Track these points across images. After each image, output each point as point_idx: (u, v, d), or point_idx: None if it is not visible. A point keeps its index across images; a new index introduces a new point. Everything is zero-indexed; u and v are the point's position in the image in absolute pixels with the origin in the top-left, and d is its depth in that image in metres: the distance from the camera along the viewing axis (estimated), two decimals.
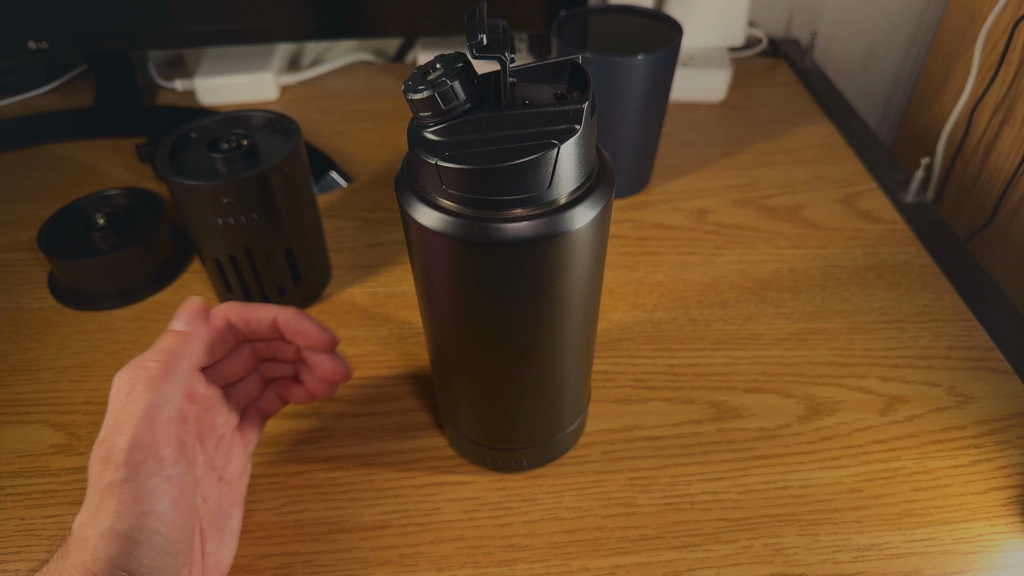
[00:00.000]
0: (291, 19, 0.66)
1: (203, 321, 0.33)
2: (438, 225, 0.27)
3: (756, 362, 0.46)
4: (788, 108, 0.71)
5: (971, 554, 0.36)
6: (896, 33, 0.83)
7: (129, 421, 0.29)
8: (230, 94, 0.72)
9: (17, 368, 0.47)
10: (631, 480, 0.40)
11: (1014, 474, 0.39)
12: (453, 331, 0.32)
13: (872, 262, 0.53)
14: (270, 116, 0.46)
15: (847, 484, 0.39)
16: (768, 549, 0.36)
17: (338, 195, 0.61)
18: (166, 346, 0.32)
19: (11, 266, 0.54)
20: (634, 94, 0.53)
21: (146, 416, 0.29)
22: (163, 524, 0.28)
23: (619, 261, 0.54)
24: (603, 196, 0.28)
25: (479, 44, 0.25)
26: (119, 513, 0.28)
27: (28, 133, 0.69)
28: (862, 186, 0.61)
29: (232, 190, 0.42)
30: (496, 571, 0.36)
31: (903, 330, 0.48)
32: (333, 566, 0.36)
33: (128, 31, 0.65)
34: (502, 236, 0.26)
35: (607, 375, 0.45)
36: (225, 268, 0.47)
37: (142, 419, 0.29)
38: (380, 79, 0.78)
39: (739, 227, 0.57)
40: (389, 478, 0.40)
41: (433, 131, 0.26)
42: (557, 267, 0.28)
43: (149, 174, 0.63)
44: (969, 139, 0.71)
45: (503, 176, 0.26)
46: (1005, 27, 0.65)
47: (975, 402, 0.43)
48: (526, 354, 0.32)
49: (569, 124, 0.26)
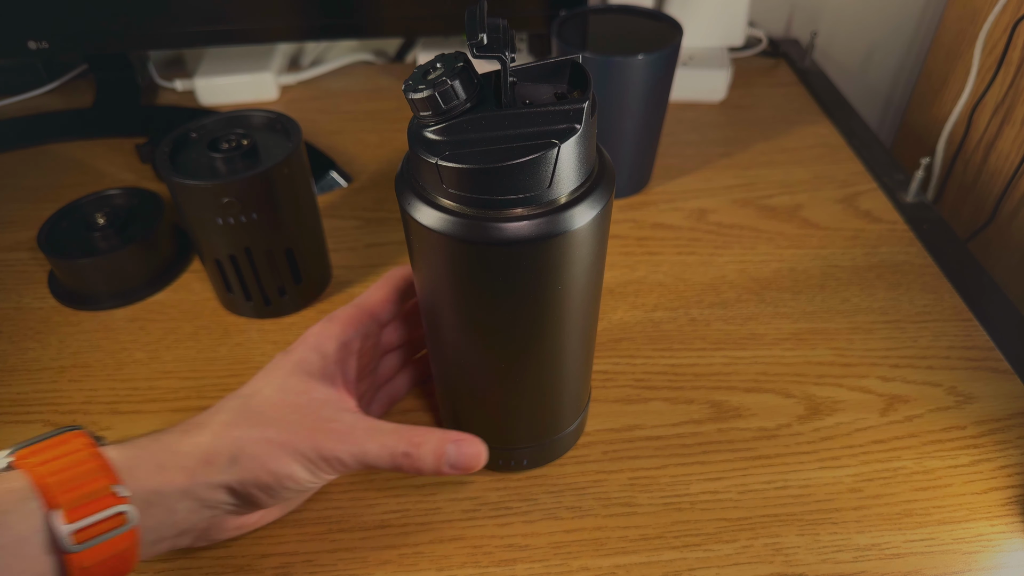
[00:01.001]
0: (291, 19, 0.66)
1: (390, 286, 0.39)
2: (439, 225, 0.27)
3: (756, 362, 0.46)
4: (788, 108, 0.71)
5: (971, 554, 0.36)
6: (896, 33, 0.83)
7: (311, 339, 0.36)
8: (230, 94, 0.72)
9: (17, 368, 0.47)
10: (631, 480, 0.40)
11: (1014, 474, 0.39)
12: (454, 330, 0.32)
13: (872, 262, 0.53)
14: (270, 116, 0.46)
15: (847, 484, 0.39)
16: (768, 549, 0.36)
17: (338, 195, 0.61)
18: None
19: (11, 266, 0.55)
20: (634, 94, 0.53)
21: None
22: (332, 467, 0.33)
23: (619, 261, 0.54)
24: (603, 195, 0.28)
25: (480, 43, 0.25)
26: (294, 432, 0.32)
27: (28, 133, 0.69)
28: (862, 186, 0.61)
29: (232, 190, 0.42)
30: (496, 571, 0.36)
31: (903, 330, 0.48)
32: (333, 566, 0.36)
33: (128, 31, 0.65)
34: (503, 235, 0.26)
35: (607, 375, 0.45)
36: (225, 268, 0.47)
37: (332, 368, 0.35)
38: (380, 79, 0.78)
39: (739, 227, 0.57)
40: (389, 478, 0.40)
41: (433, 131, 0.26)
42: (558, 266, 0.28)
43: (149, 174, 0.63)
44: (969, 139, 0.71)
45: (504, 175, 0.26)
46: (1005, 27, 0.65)
47: (975, 402, 0.43)
48: (527, 353, 0.32)
49: (569, 123, 0.26)
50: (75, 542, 0.27)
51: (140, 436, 0.32)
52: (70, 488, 0.28)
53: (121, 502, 0.29)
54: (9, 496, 0.27)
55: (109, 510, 0.28)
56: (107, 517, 0.28)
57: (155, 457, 0.31)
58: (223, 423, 0.32)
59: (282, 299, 0.49)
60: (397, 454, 0.33)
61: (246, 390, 0.34)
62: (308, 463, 0.32)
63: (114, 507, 0.28)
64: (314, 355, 0.35)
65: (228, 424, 0.32)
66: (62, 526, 0.27)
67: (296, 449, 0.32)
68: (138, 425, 0.43)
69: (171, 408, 0.44)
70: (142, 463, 0.31)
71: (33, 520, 0.27)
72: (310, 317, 0.50)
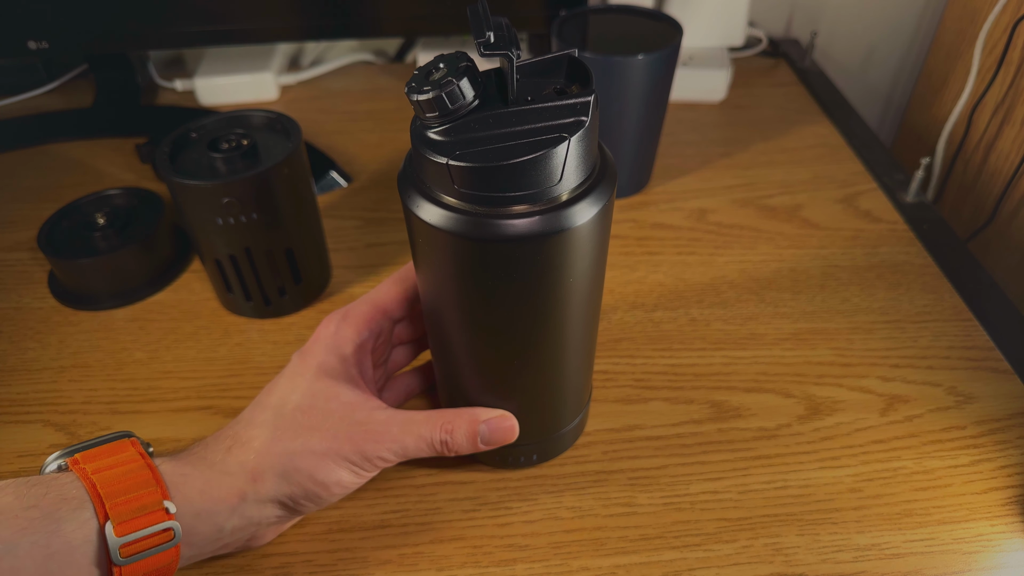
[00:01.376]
0: (291, 19, 0.66)
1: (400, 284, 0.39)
2: (444, 223, 0.27)
3: (756, 362, 0.46)
4: (788, 108, 0.71)
5: (971, 554, 0.36)
6: (896, 33, 0.83)
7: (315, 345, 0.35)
8: (230, 94, 0.72)
9: (17, 368, 0.47)
10: (631, 480, 0.40)
11: (1014, 474, 0.39)
12: (458, 327, 0.32)
13: (872, 262, 0.53)
14: (270, 116, 0.46)
15: (847, 484, 0.39)
16: (768, 549, 0.36)
17: (338, 195, 0.61)
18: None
19: (11, 266, 0.54)
20: (634, 94, 0.53)
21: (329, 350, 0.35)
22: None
23: (619, 261, 0.54)
24: (606, 191, 0.28)
25: (487, 42, 0.25)
26: (339, 447, 0.33)
27: (28, 133, 0.69)
28: (862, 186, 0.61)
29: (232, 190, 0.42)
30: (496, 571, 0.36)
31: (903, 330, 0.48)
32: (333, 566, 0.36)
33: (128, 31, 0.65)
34: (511, 232, 0.27)
35: (607, 375, 0.45)
36: (225, 268, 0.47)
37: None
38: (380, 79, 0.78)
39: (739, 227, 0.57)
40: (389, 478, 0.40)
41: (438, 131, 0.26)
42: (565, 261, 0.29)
43: (149, 174, 0.63)
44: (969, 139, 0.71)
45: (516, 172, 0.26)
46: (1005, 27, 0.65)
47: (975, 402, 0.43)
48: (534, 348, 0.32)
49: (576, 117, 0.26)
50: (123, 555, 0.28)
51: (185, 451, 0.33)
52: (123, 501, 0.28)
53: (169, 518, 0.29)
54: (65, 504, 0.28)
55: (158, 525, 0.29)
56: (155, 532, 0.29)
57: (203, 475, 0.31)
58: (265, 439, 0.32)
59: (282, 299, 0.49)
60: (435, 443, 0.34)
61: (273, 399, 0.34)
62: (353, 467, 0.33)
63: (163, 523, 0.29)
64: (333, 358, 0.35)
65: (270, 440, 0.32)
66: (113, 538, 0.28)
67: (341, 455, 0.32)
68: (138, 425, 0.43)
69: (171, 408, 0.44)
70: (191, 480, 0.31)
71: (86, 530, 0.28)
72: (310, 317, 0.50)
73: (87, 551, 0.27)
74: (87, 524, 0.28)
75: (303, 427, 0.33)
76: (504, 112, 0.27)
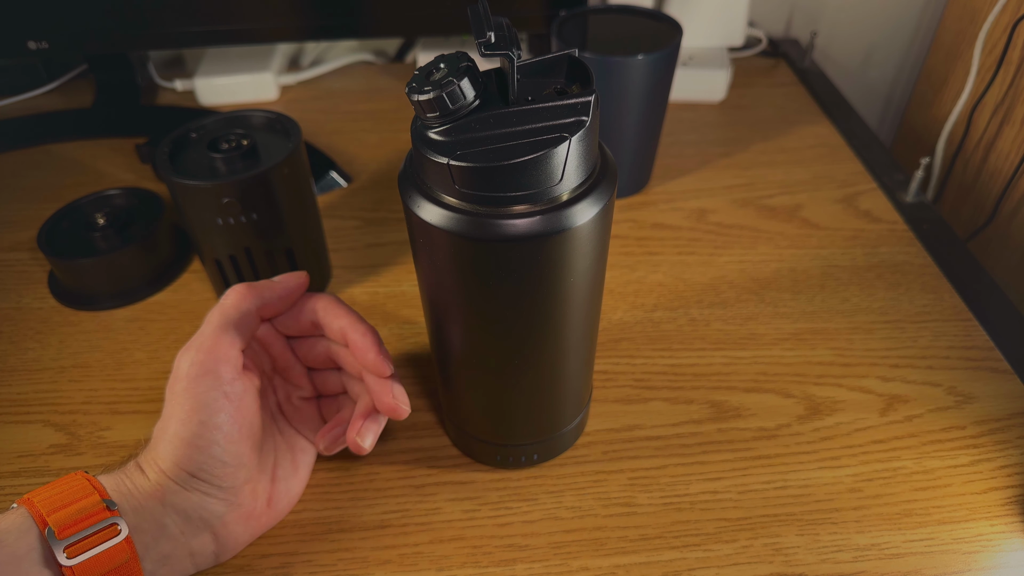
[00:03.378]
0: (291, 19, 0.66)
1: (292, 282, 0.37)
2: (446, 223, 0.27)
3: (756, 362, 0.46)
4: (788, 108, 0.71)
5: (971, 554, 0.36)
6: (896, 33, 0.83)
7: (197, 340, 0.34)
8: (230, 94, 0.72)
9: (17, 368, 0.47)
10: (631, 480, 0.40)
11: (1014, 474, 0.40)
12: (459, 327, 0.32)
13: (872, 262, 0.53)
14: (270, 116, 0.46)
15: (847, 484, 0.39)
16: (768, 549, 0.36)
17: (338, 195, 0.61)
18: (246, 288, 0.36)
19: (11, 266, 0.54)
20: (634, 94, 0.53)
21: (211, 337, 0.33)
22: (221, 435, 0.32)
23: (619, 261, 0.54)
24: (607, 191, 0.28)
25: (488, 42, 0.25)
26: (182, 420, 0.32)
27: (28, 133, 0.69)
28: (862, 186, 0.61)
29: (232, 190, 0.42)
30: (496, 571, 0.36)
31: (903, 330, 0.48)
32: (333, 566, 0.36)
33: (128, 31, 0.65)
34: (512, 232, 0.27)
35: (607, 375, 0.45)
36: (225, 268, 0.47)
37: (207, 339, 0.33)
38: (380, 79, 0.78)
39: (739, 227, 0.57)
40: (389, 478, 0.40)
41: (439, 131, 0.26)
42: (565, 261, 0.29)
43: (149, 174, 0.63)
44: (969, 139, 0.71)
45: (517, 172, 0.26)
46: (1005, 27, 0.65)
47: (975, 402, 0.43)
48: (534, 348, 0.32)
49: (576, 117, 0.26)
50: (69, 556, 0.28)
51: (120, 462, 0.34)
52: (61, 507, 0.29)
53: (112, 514, 0.30)
54: (8, 524, 0.29)
55: (101, 523, 0.29)
56: (99, 530, 0.29)
57: (131, 478, 0.33)
58: (161, 429, 0.34)
59: None
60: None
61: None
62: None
63: (106, 520, 0.30)
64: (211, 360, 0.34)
65: (163, 429, 0.34)
66: (56, 541, 0.28)
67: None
68: (138, 425, 0.43)
69: None
70: (124, 483, 0.32)
71: (28, 538, 0.29)
72: None
73: (34, 558, 0.28)
74: (28, 534, 0.29)
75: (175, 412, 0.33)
76: (505, 112, 0.27)
